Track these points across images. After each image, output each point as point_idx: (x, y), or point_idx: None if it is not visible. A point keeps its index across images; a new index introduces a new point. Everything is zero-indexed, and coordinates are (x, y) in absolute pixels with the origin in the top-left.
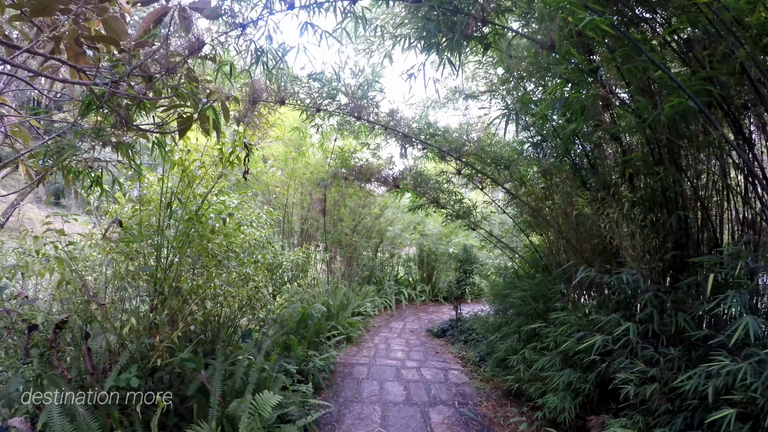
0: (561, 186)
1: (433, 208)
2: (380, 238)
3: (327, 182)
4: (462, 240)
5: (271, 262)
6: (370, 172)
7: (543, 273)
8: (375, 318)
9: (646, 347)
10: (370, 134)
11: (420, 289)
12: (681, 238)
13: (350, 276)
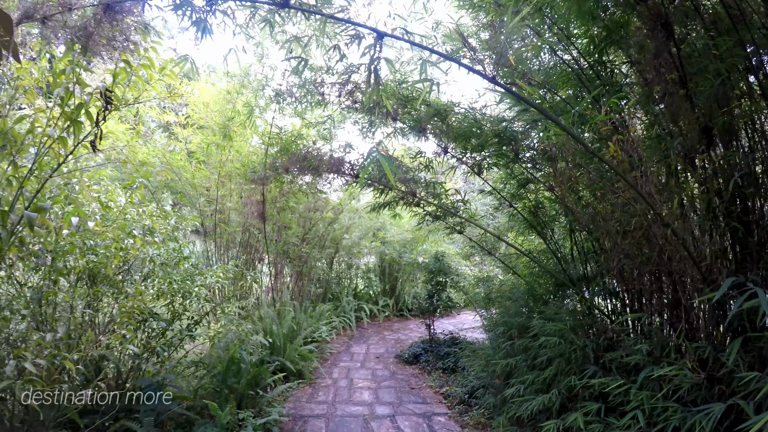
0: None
1: (404, 207)
2: (335, 248)
3: (263, 176)
4: (431, 247)
5: (177, 288)
6: (319, 159)
7: (576, 288)
8: (333, 342)
9: None
10: (322, 106)
11: (383, 303)
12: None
13: (301, 294)
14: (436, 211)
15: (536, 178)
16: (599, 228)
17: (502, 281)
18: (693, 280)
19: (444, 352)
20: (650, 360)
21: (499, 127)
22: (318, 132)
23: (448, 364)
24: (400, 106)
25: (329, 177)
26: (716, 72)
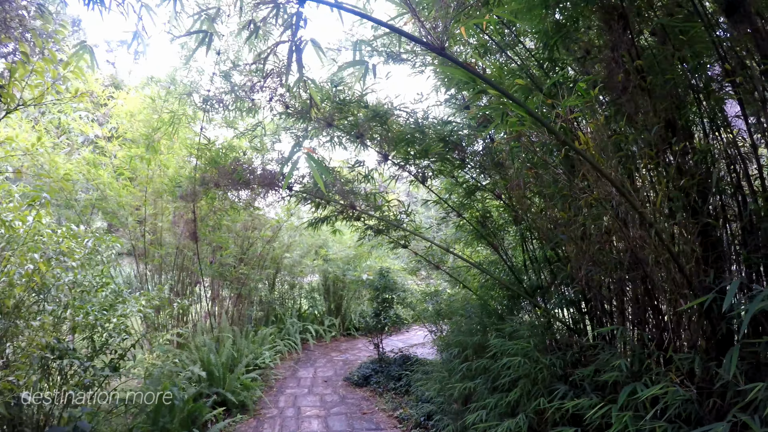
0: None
1: (344, 222)
2: (276, 267)
3: (191, 192)
4: (375, 263)
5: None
6: (251, 172)
7: (533, 300)
8: (278, 367)
9: None
10: (253, 113)
11: (328, 323)
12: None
13: (241, 318)
14: (378, 225)
15: (483, 186)
16: (554, 234)
17: (450, 295)
18: (677, 285)
19: (395, 372)
20: (629, 376)
21: (444, 131)
22: (250, 143)
23: (401, 385)
24: (336, 110)
25: (263, 192)
26: (671, 67)
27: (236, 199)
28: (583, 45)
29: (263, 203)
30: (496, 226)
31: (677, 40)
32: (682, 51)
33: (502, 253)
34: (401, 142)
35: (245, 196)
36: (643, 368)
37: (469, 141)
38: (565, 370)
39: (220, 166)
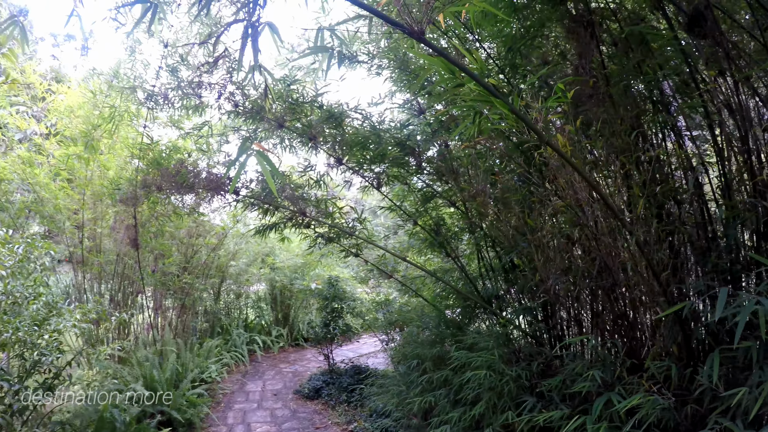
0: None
1: (294, 229)
2: (221, 276)
3: (132, 196)
4: (324, 272)
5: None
6: (196, 175)
7: (493, 310)
8: (225, 381)
9: None
10: (200, 111)
11: (276, 333)
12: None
13: (185, 330)
14: (329, 233)
15: (438, 193)
16: (517, 242)
17: (403, 304)
18: (653, 292)
19: (347, 383)
20: (601, 386)
21: (402, 135)
22: (196, 143)
23: (353, 397)
24: (288, 111)
25: (209, 196)
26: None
27: (180, 203)
28: (541, 54)
29: (208, 209)
30: (450, 234)
31: (640, 52)
32: (644, 63)
33: (456, 262)
34: (356, 145)
35: (189, 201)
36: (615, 378)
37: (426, 146)
38: (531, 381)
39: (163, 168)
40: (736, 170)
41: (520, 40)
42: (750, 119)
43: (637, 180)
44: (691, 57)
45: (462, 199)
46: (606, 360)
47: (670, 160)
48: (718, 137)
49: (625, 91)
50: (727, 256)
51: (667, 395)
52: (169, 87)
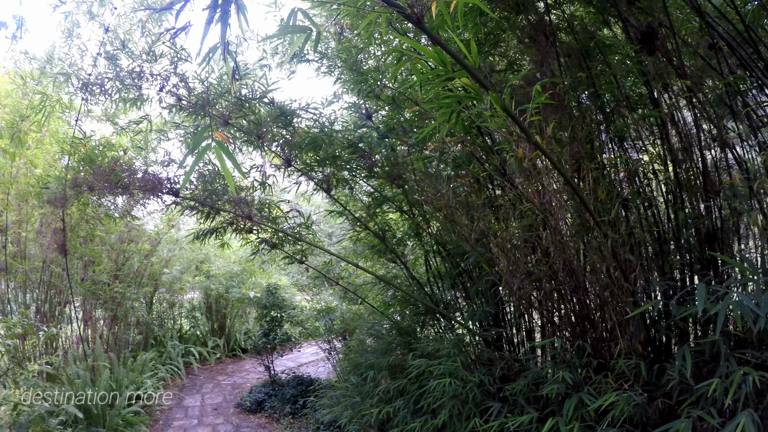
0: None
1: (235, 234)
2: (154, 284)
3: (59, 195)
4: (262, 280)
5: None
6: (131, 174)
7: (448, 315)
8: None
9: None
10: (139, 104)
11: (212, 344)
12: None
13: (118, 343)
14: (273, 238)
15: (386, 197)
16: (475, 247)
17: (350, 311)
18: (623, 292)
19: (290, 395)
20: (570, 387)
21: (354, 136)
22: (132, 140)
23: (297, 408)
24: (235, 107)
25: (144, 198)
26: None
27: (112, 206)
28: (488, 63)
29: (143, 212)
30: (396, 239)
31: (594, 63)
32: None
33: (404, 268)
34: (308, 145)
35: (122, 203)
36: (582, 378)
37: (377, 149)
38: (493, 386)
39: (95, 166)
40: (689, 177)
41: (478, 46)
42: (695, 131)
43: (603, 185)
44: (642, 71)
45: (411, 204)
46: (572, 361)
47: (626, 167)
48: (669, 146)
49: (579, 100)
50: (682, 257)
51: (638, 391)
52: (106, 76)
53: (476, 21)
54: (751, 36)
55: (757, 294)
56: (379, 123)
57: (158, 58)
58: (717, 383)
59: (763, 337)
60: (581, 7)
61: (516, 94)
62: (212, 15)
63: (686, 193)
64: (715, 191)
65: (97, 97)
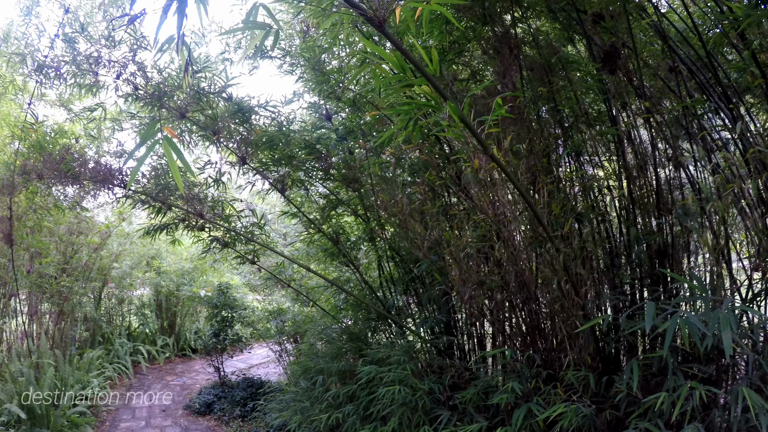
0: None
1: (186, 231)
2: (103, 279)
3: (7, 182)
4: (214, 278)
5: None
6: (82, 163)
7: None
8: (109, 396)
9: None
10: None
11: (162, 343)
12: None
13: (64, 339)
14: (224, 237)
15: (341, 201)
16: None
17: (302, 314)
18: (573, 305)
19: (240, 397)
20: (519, 397)
21: (311, 137)
22: (85, 128)
23: (247, 411)
24: (193, 100)
25: (95, 189)
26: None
27: (62, 195)
28: (452, 72)
29: (93, 203)
30: (350, 243)
31: (556, 79)
32: (559, 89)
33: (357, 272)
34: (263, 144)
35: (73, 193)
36: (532, 388)
37: (335, 151)
38: (443, 394)
39: (46, 153)
40: (640, 194)
41: (442, 54)
42: (651, 149)
43: (557, 198)
44: (602, 89)
45: (365, 208)
46: (522, 371)
47: (578, 182)
48: (622, 164)
49: (538, 114)
50: (632, 272)
51: (587, 402)
52: (63, 59)
53: (441, 29)
54: (711, 62)
55: (705, 312)
56: (339, 125)
57: (117, 45)
58: (664, 396)
59: (710, 352)
60: (548, 22)
61: (477, 104)
62: (169, 4)
63: (639, 209)
64: (668, 209)
65: (52, 81)
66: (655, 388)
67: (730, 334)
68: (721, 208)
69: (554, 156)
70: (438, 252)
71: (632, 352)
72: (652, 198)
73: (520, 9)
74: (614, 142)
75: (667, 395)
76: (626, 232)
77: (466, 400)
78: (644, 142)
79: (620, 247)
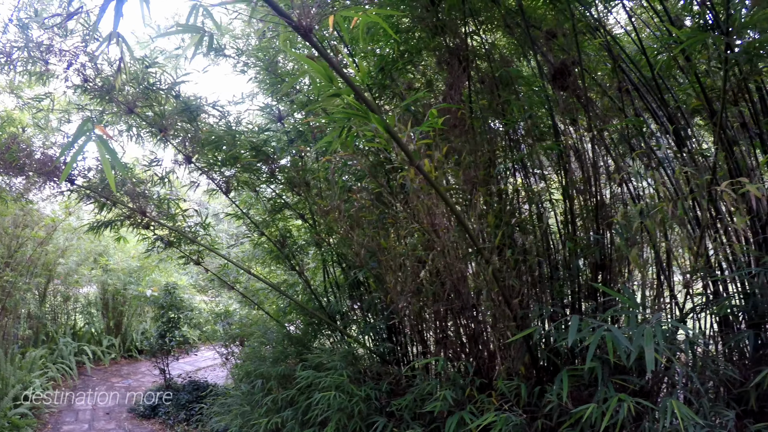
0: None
1: (131, 229)
2: (48, 275)
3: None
4: (161, 278)
5: None
6: (28, 153)
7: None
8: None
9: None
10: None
11: (107, 343)
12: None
13: (5, 337)
14: (169, 236)
15: (287, 204)
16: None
17: (244, 317)
18: (504, 317)
19: (186, 400)
20: (453, 405)
21: (258, 139)
22: (33, 118)
23: (192, 414)
24: (141, 96)
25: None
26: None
27: (6, 186)
28: (408, 80)
29: (39, 196)
30: (296, 247)
31: (506, 92)
32: (508, 103)
33: (302, 276)
34: (209, 144)
35: (19, 185)
36: (466, 397)
37: (281, 154)
38: (380, 400)
39: None
40: (580, 208)
41: (393, 62)
42: (595, 165)
43: (494, 210)
44: (551, 104)
45: (312, 212)
46: (456, 379)
47: (520, 195)
48: (564, 178)
49: (485, 126)
50: (569, 284)
51: (518, 412)
52: (15, 45)
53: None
54: (657, 84)
55: (631, 326)
56: (290, 127)
57: (69, 34)
58: (593, 408)
59: (642, 364)
60: (504, 37)
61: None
62: (107, 2)
63: (581, 222)
64: (608, 223)
65: (3, 67)
66: (588, 399)
67: (653, 348)
68: (651, 225)
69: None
70: (378, 259)
71: (567, 363)
72: (593, 212)
73: (475, 23)
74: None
75: (596, 406)
76: (569, 245)
77: (402, 407)
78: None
79: (561, 260)
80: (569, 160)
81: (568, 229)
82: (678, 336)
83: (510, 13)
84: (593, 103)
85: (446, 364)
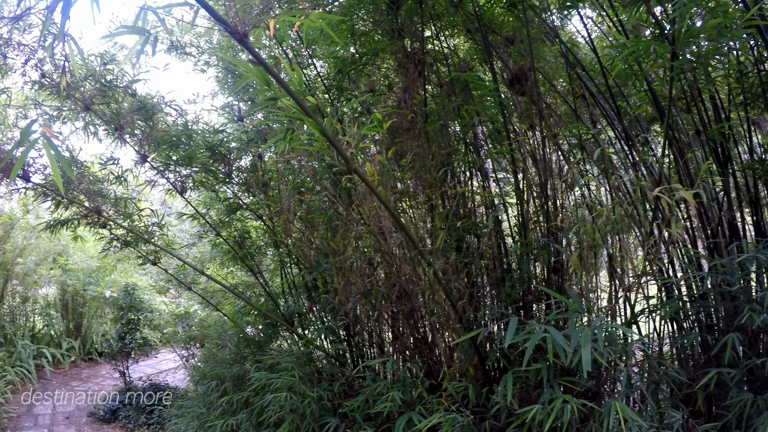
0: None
1: (88, 228)
2: (6, 276)
3: None
4: (121, 278)
5: None
6: None
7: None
8: (10, 402)
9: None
10: (2, 73)
11: (67, 346)
12: None
13: None
14: (126, 236)
15: (245, 205)
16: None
17: (203, 318)
18: (449, 319)
19: (146, 404)
20: (402, 405)
21: (214, 140)
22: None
23: (153, 418)
24: (98, 93)
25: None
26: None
27: None
28: (369, 83)
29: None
30: (254, 248)
31: (462, 96)
32: (464, 107)
33: (259, 277)
34: (164, 143)
35: None
36: (416, 398)
37: (238, 154)
38: (334, 401)
39: None
40: (533, 212)
41: (351, 64)
42: (551, 170)
43: (441, 213)
44: (507, 109)
45: (269, 213)
46: (406, 380)
47: (474, 198)
48: (520, 182)
49: (441, 129)
50: (520, 287)
51: (466, 413)
52: None
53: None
54: (610, 91)
55: (571, 329)
56: (250, 127)
57: (28, 28)
58: (538, 409)
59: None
60: (465, 41)
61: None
62: (55, 4)
63: (534, 225)
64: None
65: None
66: (536, 400)
67: (590, 350)
68: (591, 230)
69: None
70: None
71: (516, 365)
72: (546, 216)
73: (435, 27)
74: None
75: (542, 408)
76: (518, 248)
77: (354, 408)
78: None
79: (513, 262)
80: (525, 165)
81: (521, 232)
82: (632, 338)
83: (470, 18)
84: (552, 109)
85: (398, 365)
